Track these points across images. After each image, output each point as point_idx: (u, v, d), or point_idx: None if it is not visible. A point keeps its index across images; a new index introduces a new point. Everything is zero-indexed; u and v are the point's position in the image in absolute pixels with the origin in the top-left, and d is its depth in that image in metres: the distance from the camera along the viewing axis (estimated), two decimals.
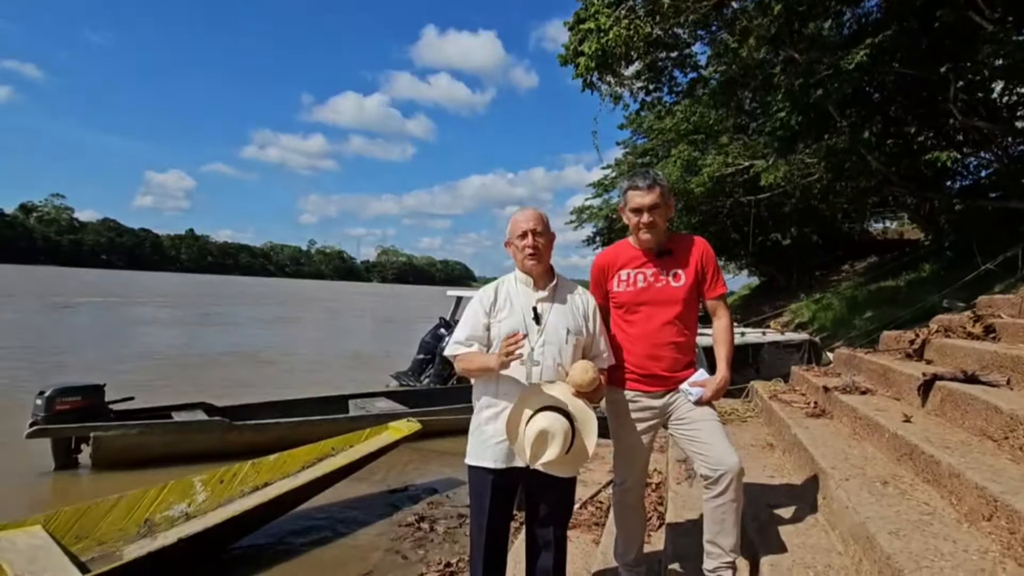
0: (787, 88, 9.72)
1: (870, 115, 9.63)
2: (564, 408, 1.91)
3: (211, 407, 6.12)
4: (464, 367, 2.03)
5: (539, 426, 1.85)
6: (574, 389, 1.95)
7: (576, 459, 1.95)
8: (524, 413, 1.92)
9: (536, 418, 1.88)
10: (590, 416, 1.95)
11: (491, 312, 2.02)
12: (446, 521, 4.15)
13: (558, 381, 1.98)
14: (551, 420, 1.86)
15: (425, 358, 9.57)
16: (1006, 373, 2.67)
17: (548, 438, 1.84)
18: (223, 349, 13.66)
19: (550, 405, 1.91)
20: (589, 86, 10.57)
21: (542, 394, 1.93)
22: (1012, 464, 2.00)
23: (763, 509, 2.44)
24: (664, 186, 2.12)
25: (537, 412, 1.89)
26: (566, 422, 1.88)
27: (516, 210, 2.10)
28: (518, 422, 1.92)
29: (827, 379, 3.88)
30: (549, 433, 1.84)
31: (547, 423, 1.85)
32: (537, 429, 1.84)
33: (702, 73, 12.49)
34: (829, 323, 12.99)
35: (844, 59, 8.55)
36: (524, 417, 1.91)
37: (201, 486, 3.81)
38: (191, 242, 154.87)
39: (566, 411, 1.91)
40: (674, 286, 2.11)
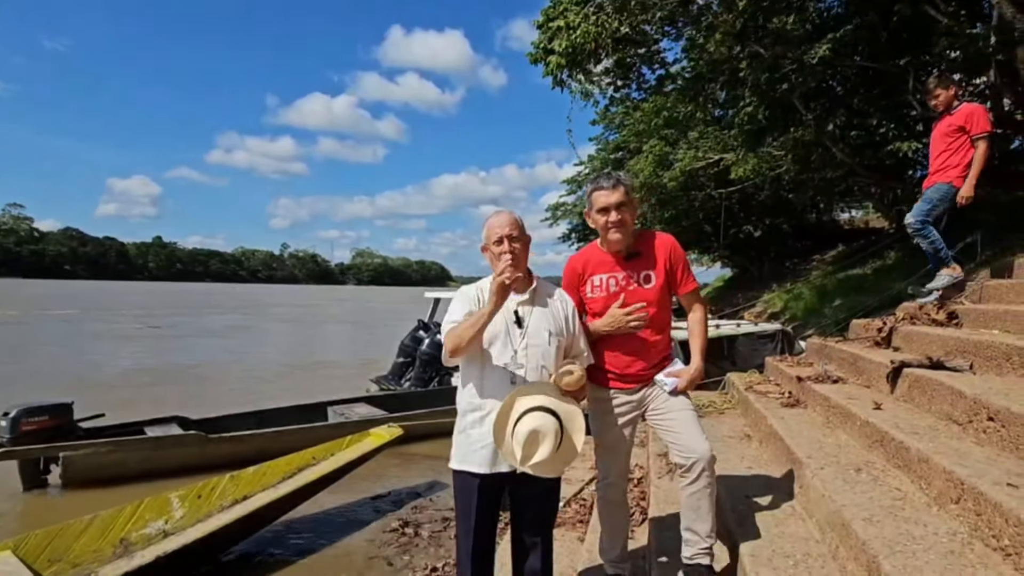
0: (753, 83, 9.90)
1: (834, 108, 9.88)
2: (551, 408, 1.92)
3: (185, 420, 5.99)
4: (458, 335, 1.91)
5: (529, 426, 1.85)
6: (561, 389, 1.96)
7: (565, 457, 1.97)
8: (511, 415, 1.92)
9: (525, 419, 1.88)
10: (577, 414, 1.97)
11: (475, 306, 2.02)
12: (430, 525, 4.13)
13: (542, 382, 1.99)
14: (541, 420, 1.87)
15: (405, 361, 9.51)
16: (969, 358, 2.78)
17: (539, 438, 1.85)
18: (195, 360, 13.34)
19: (537, 406, 1.92)
20: (559, 84, 10.62)
21: (528, 395, 1.94)
22: (976, 447, 2.08)
23: (742, 500, 2.49)
24: (628, 185, 2.14)
25: (525, 414, 1.90)
26: (555, 421, 1.89)
27: (491, 214, 2.09)
28: (505, 424, 1.92)
29: (801, 369, 3.98)
30: (540, 433, 1.85)
31: (537, 423, 1.86)
32: (528, 429, 1.85)
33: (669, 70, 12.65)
34: (801, 312, 13.28)
35: (807, 53, 8.76)
36: (512, 419, 1.92)
37: (178, 502, 3.73)
38: (159, 250, 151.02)
39: (553, 411, 1.92)
40: (645, 288, 2.14)
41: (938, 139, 3.85)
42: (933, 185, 3.83)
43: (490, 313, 1.89)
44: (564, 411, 1.93)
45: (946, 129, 3.78)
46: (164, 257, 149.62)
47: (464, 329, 1.92)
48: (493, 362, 1.99)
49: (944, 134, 3.79)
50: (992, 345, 2.64)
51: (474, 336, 1.91)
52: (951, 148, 3.75)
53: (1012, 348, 2.49)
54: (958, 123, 3.73)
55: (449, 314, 2.04)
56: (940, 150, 3.81)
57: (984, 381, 2.46)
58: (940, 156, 3.79)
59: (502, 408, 1.92)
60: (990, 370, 2.61)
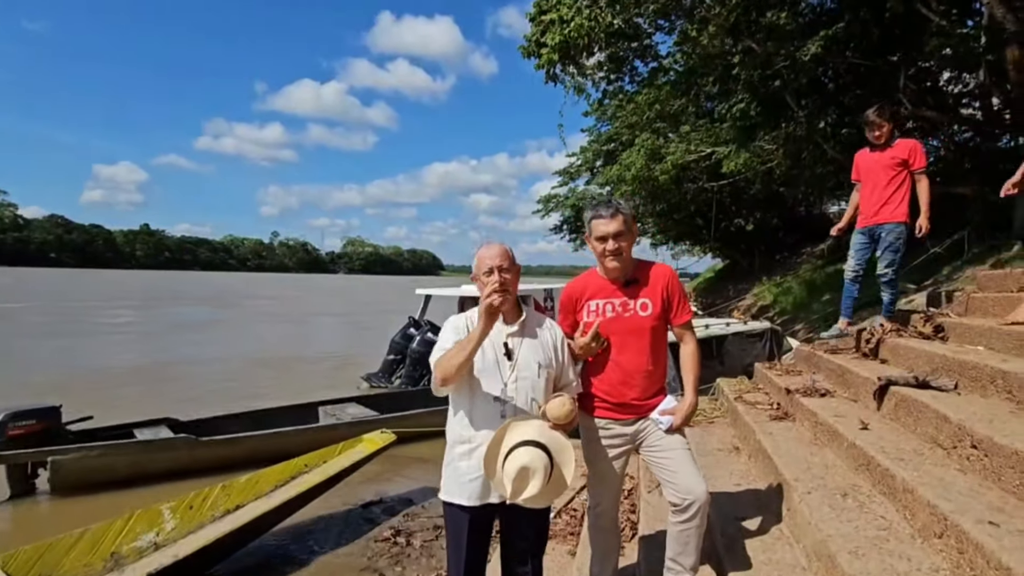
0: (746, 79, 9.89)
1: (825, 105, 9.90)
2: (541, 442, 1.92)
3: (176, 423, 5.97)
4: (447, 363, 1.89)
5: (520, 462, 1.85)
6: (551, 423, 1.97)
7: (555, 490, 1.98)
8: (502, 449, 1.93)
9: (515, 454, 1.88)
10: (567, 446, 1.98)
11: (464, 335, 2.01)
12: (422, 534, 4.16)
13: (533, 416, 1.99)
14: (531, 456, 1.87)
15: (396, 359, 9.52)
16: (954, 376, 2.81)
17: (529, 474, 1.85)
18: (184, 356, 13.23)
19: (527, 439, 1.92)
20: (552, 78, 10.55)
21: (518, 429, 1.94)
22: (960, 475, 2.11)
23: (731, 522, 2.52)
24: (627, 214, 2.14)
25: (515, 448, 1.90)
26: (545, 456, 1.89)
27: (482, 245, 2.08)
28: (495, 458, 1.93)
29: (789, 379, 4.02)
30: (530, 470, 1.85)
31: (527, 459, 1.86)
32: (518, 466, 1.85)
33: (663, 63, 12.60)
34: (790, 306, 13.40)
35: (800, 50, 8.74)
36: (502, 453, 1.92)
37: (169, 513, 3.72)
38: (146, 238, 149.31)
39: (543, 444, 1.92)
40: (642, 316, 2.14)
41: (879, 172, 3.84)
42: (887, 225, 3.81)
43: (479, 337, 1.86)
44: (554, 444, 1.94)
45: (888, 162, 3.79)
46: (152, 245, 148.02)
47: (453, 356, 1.90)
48: (482, 395, 1.98)
49: (886, 167, 3.79)
50: (977, 366, 2.67)
51: (463, 363, 1.88)
52: (894, 183, 3.77)
53: (996, 371, 2.52)
54: (901, 156, 3.76)
55: (438, 343, 2.03)
56: (883, 184, 3.81)
57: (969, 403, 2.49)
58: (885, 189, 3.79)
59: (492, 441, 1.92)
60: (975, 391, 2.65)
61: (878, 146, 3.85)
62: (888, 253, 3.82)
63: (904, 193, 3.79)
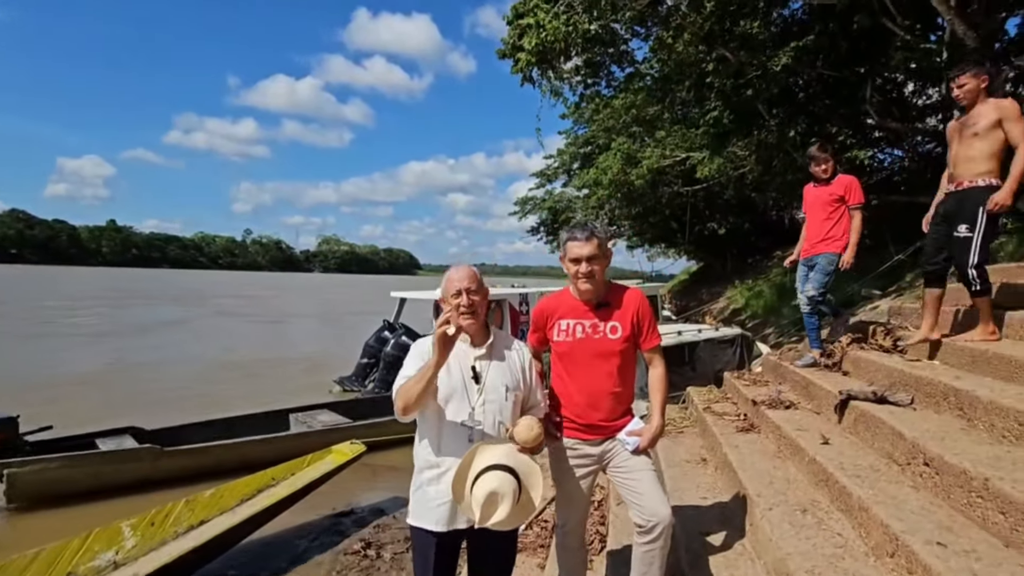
0: (720, 87, 10.06)
1: (795, 114, 10.11)
2: (509, 466, 1.93)
3: (140, 432, 5.82)
4: (406, 392, 1.88)
5: (488, 487, 1.85)
6: (519, 446, 1.97)
7: (523, 512, 1.99)
8: (470, 474, 1.93)
9: (483, 478, 1.88)
10: (535, 470, 1.98)
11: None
12: (393, 546, 4.14)
13: (500, 440, 2.00)
14: (500, 480, 1.87)
15: (369, 362, 9.45)
16: (911, 392, 2.91)
17: (498, 499, 1.86)
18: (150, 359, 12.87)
19: (495, 463, 1.92)
20: (528, 81, 10.58)
21: (486, 453, 1.95)
22: (913, 493, 2.18)
23: (696, 537, 2.57)
24: (602, 237, 2.17)
25: (483, 472, 1.91)
26: (513, 480, 1.90)
27: (450, 268, 2.08)
28: (464, 483, 1.93)
29: (756, 390, 4.10)
30: (499, 494, 1.85)
31: (496, 483, 1.86)
32: (487, 491, 1.85)
33: (639, 68, 12.73)
34: (761, 310, 13.68)
35: (771, 60, 8.93)
36: (470, 477, 1.92)
37: (130, 531, 3.62)
38: (113, 234, 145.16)
39: (511, 468, 1.93)
40: (611, 339, 2.16)
41: (818, 207, 3.98)
42: (823, 254, 3.93)
43: (434, 366, 1.84)
44: (522, 468, 1.95)
45: (827, 198, 3.92)
46: (119, 242, 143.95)
47: (411, 385, 1.88)
48: (450, 419, 1.98)
49: (825, 203, 3.93)
50: (932, 382, 2.76)
51: (422, 391, 1.86)
52: (832, 217, 3.90)
53: (949, 388, 2.61)
54: (838, 193, 3.89)
55: (402, 370, 2.02)
56: (822, 218, 3.95)
57: (923, 420, 2.58)
58: (823, 224, 3.93)
59: (460, 466, 1.92)
60: (929, 407, 2.74)
61: (822, 181, 3.96)
62: (818, 275, 3.95)
63: (843, 228, 3.92)
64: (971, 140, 3.07)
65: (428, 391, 1.88)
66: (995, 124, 2.97)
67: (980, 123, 3.02)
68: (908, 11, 8.20)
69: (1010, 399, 2.29)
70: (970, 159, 3.08)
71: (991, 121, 2.98)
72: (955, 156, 3.19)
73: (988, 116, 3.00)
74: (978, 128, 3.03)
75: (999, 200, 2.93)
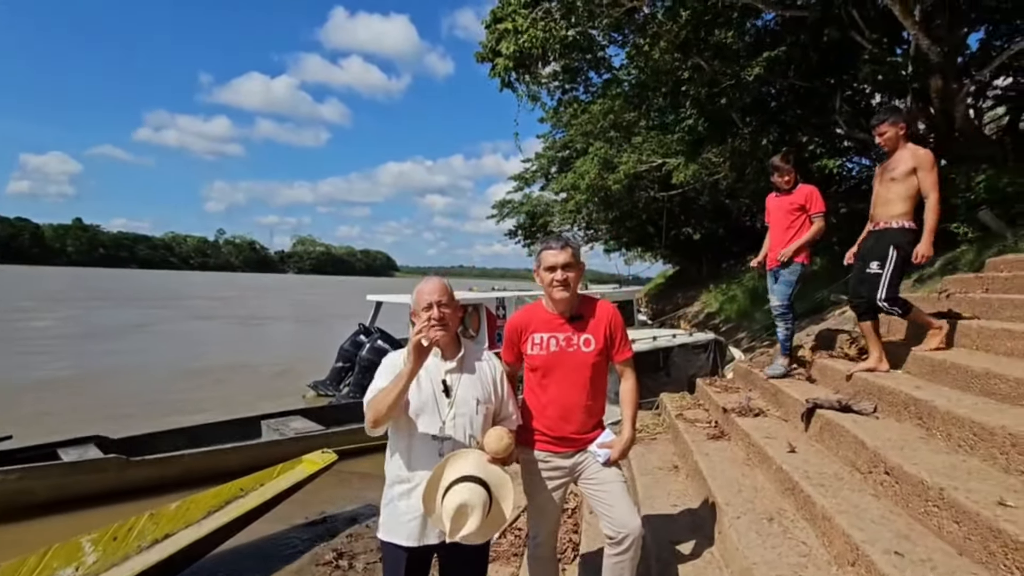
0: (695, 95, 10.22)
1: (768, 122, 10.33)
2: (479, 477, 1.93)
3: (105, 441, 5.66)
4: (376, 404, 1.87)
5: (458, 500, 1.85)
6: (489, 456, 1.97)
7: (494, 524, 1.99)
8: (440, 485, 1.92)
9: (453, 491, 1.88)
10: (506, 481, 1.98)
11: None
12: (366, 556, 4.09)
13: (471, 450, 2.00)
14: (470, 492, 1.86)
15: (344, 366, 9.35)
16: (874, 400, 2.99)
17: (468, 511, 1.85)
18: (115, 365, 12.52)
19: (466, 475, 1.92)
20: (507, 85, 10.60)
21: (456, 464, 1.94)
22: (874, 501, 2.24)
23: (666, 545, 2.60)
24: (575, 248, 2.20)
25: (454, 484, 1.90)
26: (484, 492, 1.89)
27: (421, 281, 2.08)
28: (434, 496, 1.92)
29: (727, 397, 4.17)
30: (469, 506, 1.85)
31: (466, 496, 1.85)
32: (457, 503, 1.84)
33: (616, 74, 12.86)
34: (734, 314, 13.93)
35: (745, 69, 9.11)
36: (440, 489, 1.91)
37: (91, 546, 3.52)
38: (79, 232, 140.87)
39: (482, 480, 1.93)
40: (585, 351, 2.18)
41: (781, 216, 4.08)
42: (789, 268, 4.03)
43: (408, 375, 1.82)
44: (493, 479, 1.95)
45: (788, 207, 4.03)
46: (85, 241, 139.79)
47: (382, 396, 1.86)
48: (420, 433, 1.98)
49: (787, 212, 4.04)
50: (893, 391, 2.84)
51: (393, 403, 1.84)
52: (794, 226, 4.01)
53: (909, 398, 2.69)
54: (799, 202, 4.00)
55: (373, 382, 2.01)
56: (784, 227, 4.05)
57: (885, 428, 2.65)
58: (785, 232, 4.03)
59: (431, 478, 1.92)
60: (891, 416, 2.82)
61: (784, 191, 4.06)
62: (782, 286, 4.05)
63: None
64: (889, 184, 3.29)
65: (399, 402, 1.87)
66: (911, 171, 3.19)
67: (898, 168, 3.24)
68: (876, 25, 8.44)
69: (965, 409, 2.37)
70: (887, 202, 3.30)
71: (908, 168, 3.20)
72: (875, 197, 3.42)
73: (905, 163, 3.22)
74: (895, 174, 3.25)
75: (921, 252, 3.16)
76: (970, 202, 7.31)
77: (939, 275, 7.52)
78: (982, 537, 1.72)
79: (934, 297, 4.02)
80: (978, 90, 9.59)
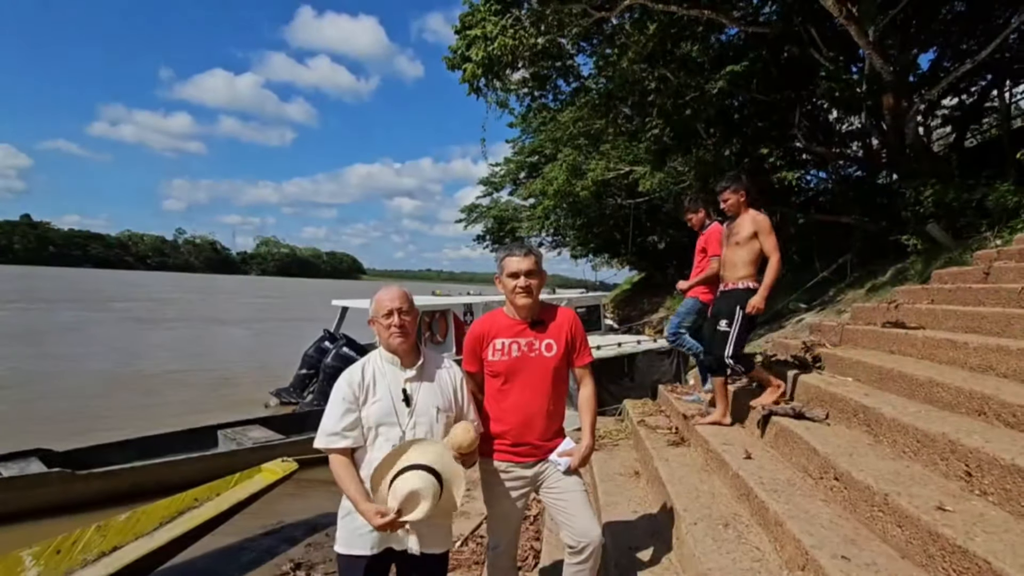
0: (661, 105, 10.44)
1: (731, 134, 10.61)
2: (434, 468, 1.91)
3: (50, 454, 5.37)
4: (333, 469, 2.00)
5: (410, 487, 1.84)
6: (453, 451, 1.97)
7: (444, 510, 1.98)
8: (394, 467, 1.90)
9: (406, 476, 1.86)
10: (458, 471, 1.97)
11: (359, 396, 1.98)
12: (324, 566, 4.01)
13: (434, 441, 1.98)
14: (422, 482, 1.85)
15: (308, 373, 9.16)
16: (826, 407, 3.09)
17: (418, 499, 1.85)
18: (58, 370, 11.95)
19: (421, 463, 1.90)
20: (476, 91, 10.62)
21: (417, 451, 1.92)
22: (824, 506, 2.32)
23: (625, 552, 2.63)
24: (538, 255, 2.22)
25: (407, 469, 1.88)
26: (435, 481, 1.89)
27: (381, 289, 2.07)
28: (383, 475, 1.91)
29: (687, 403, 4.25)
30: (419, 494, 1.84)
31: (418, 484, 1.85)
32: (408, 489, 1.83)
33: (584, 83, 13.03)
34: None
35: (709, 82, 9.35)
36: (393, 471, 1.90)
37: (31, 560, 3.35)
38: (27, 229, 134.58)
39: (436, 471, 1.91)
40: (547, 356, 2.19)
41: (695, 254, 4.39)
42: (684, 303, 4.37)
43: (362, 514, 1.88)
44: (445, 469, 1.93)
45: (697, 248, 4.36)
46: (34, 238, 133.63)
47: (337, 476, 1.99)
48: (380, 444, 1.96)
49: (697, 251, 4.37)
50: (844, 399, 2.95)
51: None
52: (699, 266, 4.32)
53: (858, 405, 2.79)
54: (702, 244, 4.32)
55: (326, 417, 2.01)
56: (695, 263, 4.39)
57: (836, 435, 2.75)
58: (694, 269, 4.38)
59: (389, 455, 1.91)
60: (842, 422, 2.92)
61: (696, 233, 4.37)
62: (674, 317, 4.39)
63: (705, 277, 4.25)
64: (734, 247, 3.51)
65: None
66: (752, 235, 3.41)
67: (740, 233, 3.47)
68: (833, 44, 8.77)
69: (910, 417, 2.47)
70: (733, 265, 3.51)
71: (749, 233, 3.42)
72: (723, 259, 3.63)
73: (747, 228, 3.44)
74: (739, 238, 3.47)
75: (755, 304, 3.34)
76: (919, 215, 7.65)
77: (890, 285, 7.85)
78: (922, 541, 1.80)
79: (884, 307, 4.18)
80: (927, 109, 10.06)
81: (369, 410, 1.98)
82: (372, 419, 1.96)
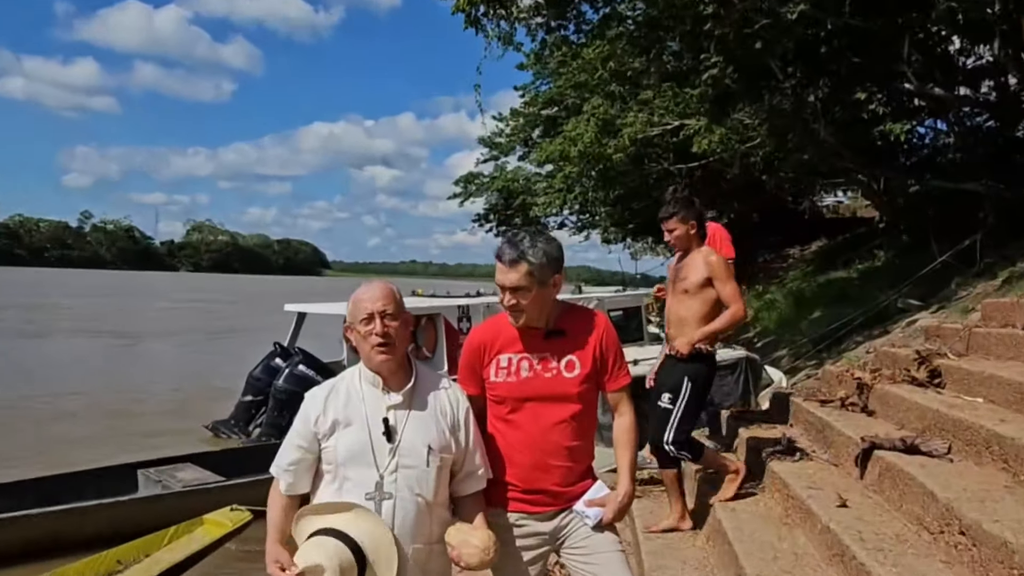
0: (720, 37, 10.36)
1: (816, 74, 10.49)
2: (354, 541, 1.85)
3: None
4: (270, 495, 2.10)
5: (313, 559, 1.81)
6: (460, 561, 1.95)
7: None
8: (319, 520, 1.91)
9: (316, 541, 1.85)
10: (390, 555, 1.89)
11: (318, 429, 1.97)
12: None
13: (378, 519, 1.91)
14: (329, 560, 1.80)
15: (255, 400, 9.25)
16: (948, 438, 3.08)
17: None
18: None
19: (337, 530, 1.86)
20: (473, 23, 10.63)
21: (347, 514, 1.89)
22: (946, 568, 2.31)
23: None
24: (534, 263, 2.08)
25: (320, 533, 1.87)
26: (351, 562, 1.83)
27: (360, 286, 2.06)
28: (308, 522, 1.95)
29: (760, 432, 4.27)
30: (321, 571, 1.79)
31: (322, 560, 1.80)
32: (310, 562, 1.81)
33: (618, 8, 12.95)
34: (773, 325, 14.17)
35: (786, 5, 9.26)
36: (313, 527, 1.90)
37: None
38: None
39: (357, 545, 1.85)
40: (567, 377, 2.17)
41: None
42: None
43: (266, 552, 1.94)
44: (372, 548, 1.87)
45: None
46: None
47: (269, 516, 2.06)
48: (351, 490, 1.94)
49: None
50: (972, 426, 2.94)
51: None
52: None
53: (992, 435, 2.78)
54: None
55: (283, 449, 2.06)
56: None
57: (961, 475, 2.74)
58: None
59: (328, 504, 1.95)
60: (969, 456, 2.91)
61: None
62: None
63: None
64: (683, 297, 3.57)
65: None
66: (705, 282, 3.45)
67: (690, 278, 3.52)
68: None
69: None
70: (681, 321, 3.57)
71: (700, 278, 3.47)
72: (668, 312, 3.71)
73: (698, 272, 3.48)
74: (688, 284, 3.52)
75: (678, 347, 3.45)
76: None
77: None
78: None
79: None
80: None
81: (337, 443, 1.96)
82: (340, 457, 1.94)
